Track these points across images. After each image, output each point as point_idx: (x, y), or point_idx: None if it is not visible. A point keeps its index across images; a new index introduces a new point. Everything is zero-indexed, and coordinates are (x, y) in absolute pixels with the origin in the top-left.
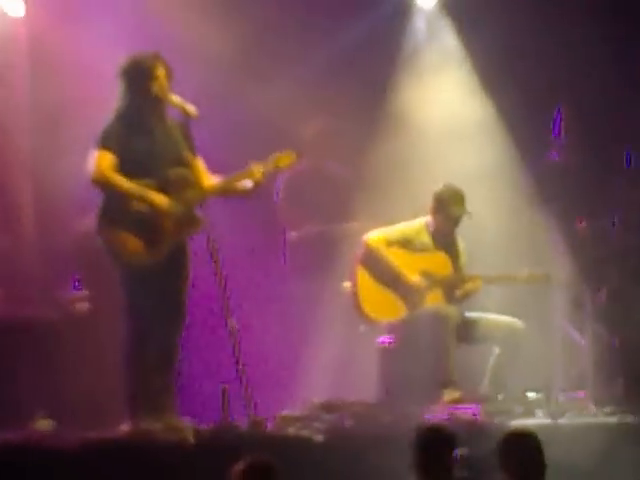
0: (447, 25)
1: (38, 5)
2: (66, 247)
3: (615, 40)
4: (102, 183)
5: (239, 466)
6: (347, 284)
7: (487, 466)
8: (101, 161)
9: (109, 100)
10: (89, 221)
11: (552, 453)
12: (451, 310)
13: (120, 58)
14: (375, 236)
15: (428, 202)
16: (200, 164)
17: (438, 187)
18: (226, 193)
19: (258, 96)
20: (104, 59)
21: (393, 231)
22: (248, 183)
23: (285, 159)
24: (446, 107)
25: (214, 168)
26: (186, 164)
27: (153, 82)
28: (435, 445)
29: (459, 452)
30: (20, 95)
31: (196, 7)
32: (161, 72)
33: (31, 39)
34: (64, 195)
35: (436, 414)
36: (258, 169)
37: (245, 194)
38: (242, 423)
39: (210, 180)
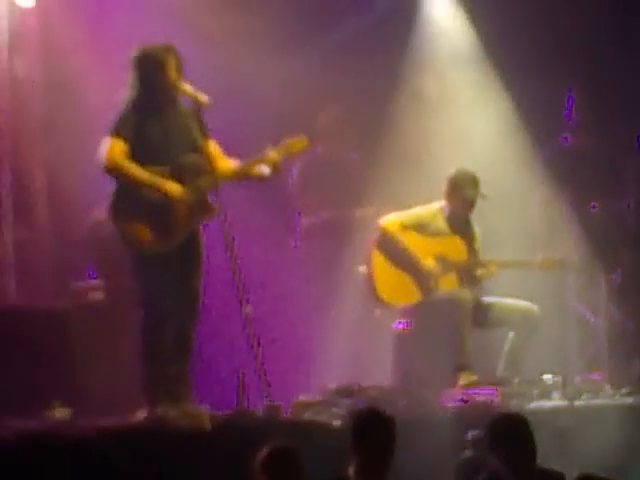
0: (459, 9)
1: None
2: (80, 236)
3: (629, 22)
4: (113, 171)
5: (264, 452)
6: (362, 268)
7: None
8: (113, 149)
9: (121, 88)
10: (103, 210)
11: (568, 435)
12: (466, 294)
13: (132, 48)
14: (390, 220)
15: (442, 187)
16: (214, 149)
17: (452, 171)
18: (241, 178)
19: (273, 81)
20: (115, 48)
21: (408, 215)
22: (265, 168)
23: (298, 144)
24: (460, 93)
25: (228, 152)
26: (199, 150)
27: (164, 74)
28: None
29: (471, 434)
30: (32, 85)
31: None
32: (172, 64)
33: (42, 29)
34: (78, 184)
35: (452, 398)
36: (274, 154)
37: (261, 179)
38: (258, 409)
39: (226, 164)
